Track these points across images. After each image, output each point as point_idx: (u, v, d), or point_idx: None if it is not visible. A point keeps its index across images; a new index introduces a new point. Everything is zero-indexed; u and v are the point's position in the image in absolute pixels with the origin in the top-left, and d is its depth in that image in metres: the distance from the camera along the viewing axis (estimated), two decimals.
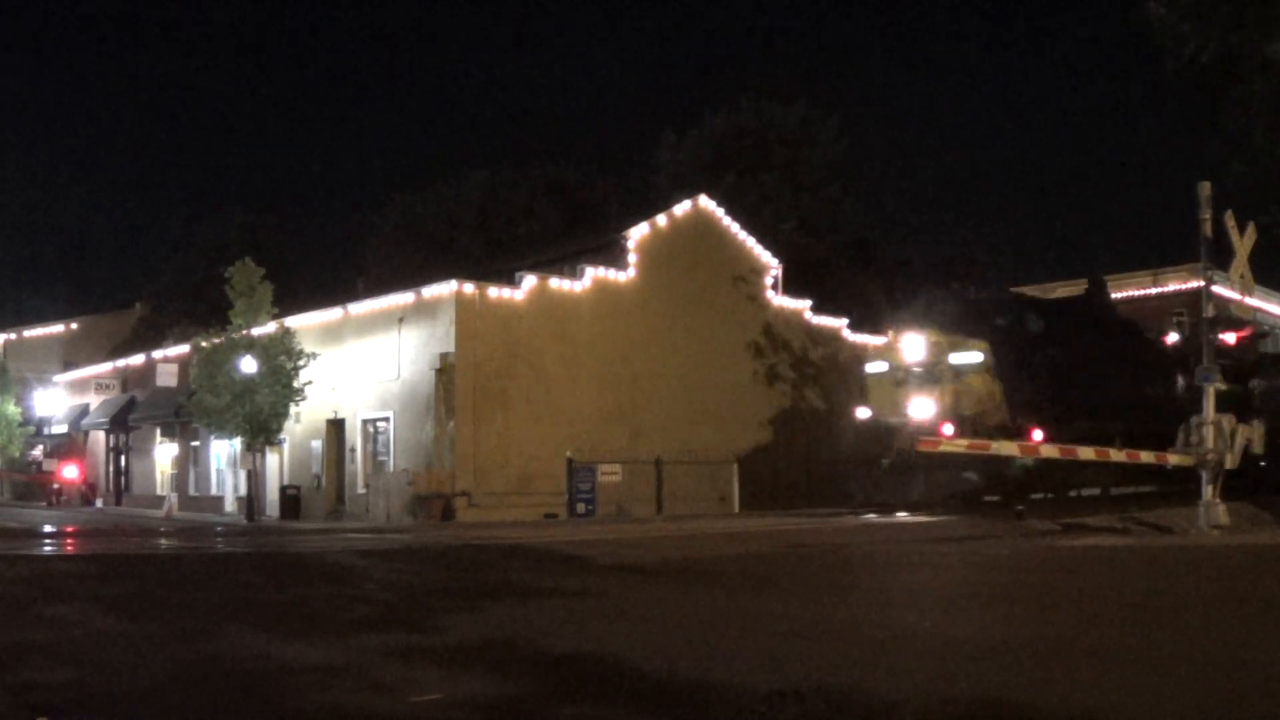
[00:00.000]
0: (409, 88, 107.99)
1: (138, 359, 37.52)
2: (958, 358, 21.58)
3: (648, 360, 26.96)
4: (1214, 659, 5.38)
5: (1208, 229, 14.99)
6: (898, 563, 11.14)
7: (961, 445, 16.31)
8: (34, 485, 40.87)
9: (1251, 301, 23.70)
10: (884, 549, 12.53)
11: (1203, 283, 16.10)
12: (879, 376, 22.95)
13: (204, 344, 27.44)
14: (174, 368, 33.19)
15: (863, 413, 23.01)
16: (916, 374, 21.81)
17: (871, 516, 21.09)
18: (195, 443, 33.97)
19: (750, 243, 30.07)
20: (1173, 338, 26.33)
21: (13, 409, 39.06)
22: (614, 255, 27.53)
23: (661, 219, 28.51)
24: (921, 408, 21.37)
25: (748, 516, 23.82)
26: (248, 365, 25.65)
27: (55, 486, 38.95)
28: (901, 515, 20.96)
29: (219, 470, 33.36)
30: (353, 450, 27.30)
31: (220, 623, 6.56)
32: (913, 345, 22.10)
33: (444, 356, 24.44)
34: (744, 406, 28.22)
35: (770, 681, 4.86)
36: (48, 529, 20.61)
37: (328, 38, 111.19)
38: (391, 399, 25.98)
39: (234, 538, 17.24)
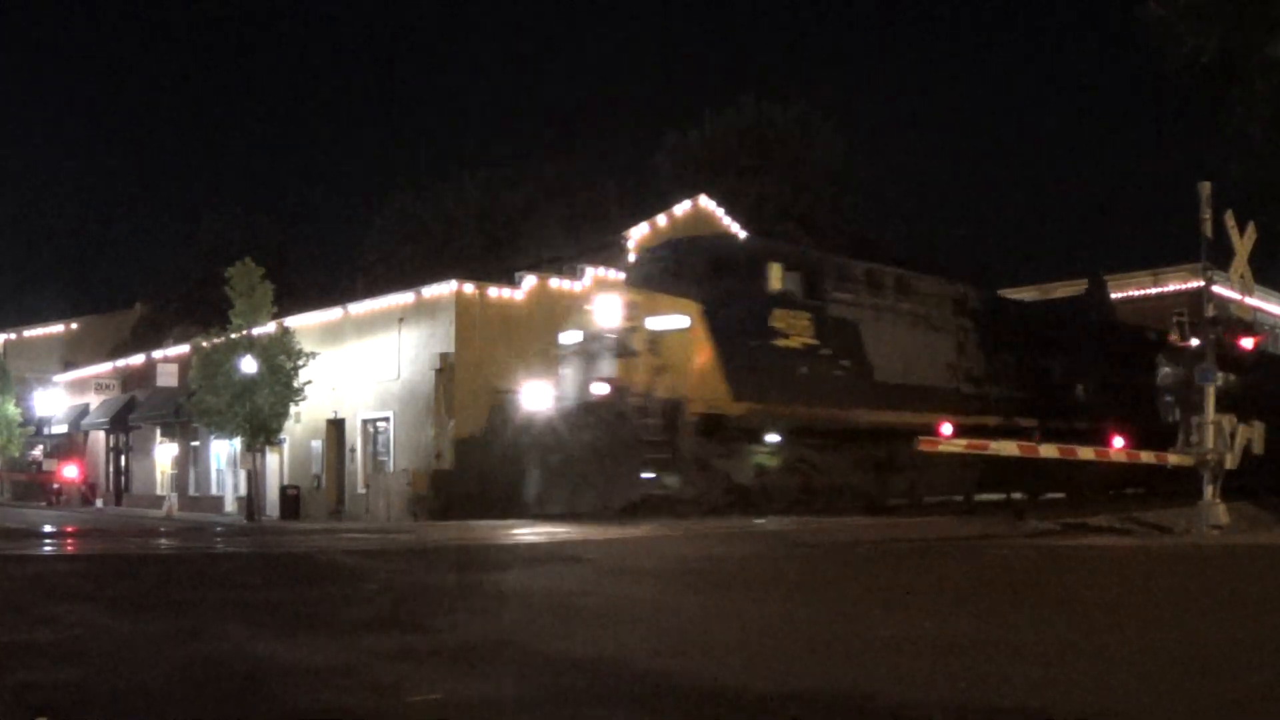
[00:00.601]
0: (409, 87, 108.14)
1: (138, 359, 37.55)
2: (656, 322, 16.70)
3: None
4: (1214, 659, 5.38)
5: (1208, 229, 15.00)
6: (891, 560, 11.14)
7: (960, 446, 16.04)
8: (34, 485, 40.89)
9: (1251, 301, 23.68)
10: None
11: (1203, 283, 16.11)
12: (574, 349, 17.74)
13: (204, 344, 27.46)
14: (174, 368, 33.24)
15: (538, 395, 17.76)
16: (608, 343, 16.93)
17: (524, 532, 15.55)
18: (195, 443, 34.00)
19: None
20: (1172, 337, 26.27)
21: (13, 409, 39.09)
22: (614, 255, 27.54)
23: (661, 219, 28.53)
24: (601, 387, 16.60)
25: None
26: (248, 365, 25.67)
27: (55, 486, 38.98)
28: (557, 528, 15.44)
29: (219, 470, 33.39)
30: (353, 450, 27.32)
31: (220, 623, 6.56)
32: (607, 307, 17.20)
33: (444, 356, 24.43)
34: None
35: (770, 682, 4.86)
36: (48, 529, 20.61)
37: (327, 37, 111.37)
38: (391, 399, 25.99)
39: (234, 538, 17.23)
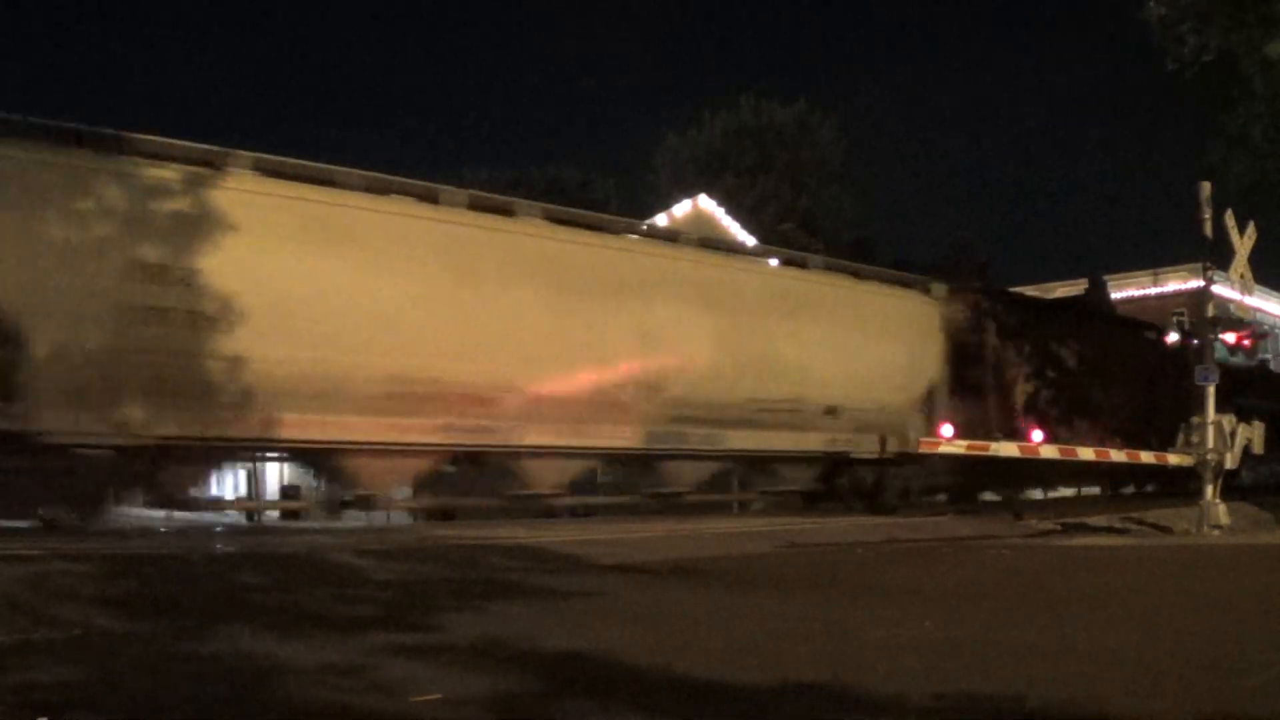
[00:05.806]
0: (409, 87, 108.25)
1: None
2: None
3: None
4: (1214, 659, 5.38)
5: (1208, 229, 15.04)
6: (891, 560, 11.15)
7: (960, 446, 15.92)
8: None
9: (1251, 301, 23.72)
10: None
11: (1203, 283, 16.13)
12: None
13: None
14: None
15: None
16: None
17: None
18: None
19: (750, 243, 30.04)
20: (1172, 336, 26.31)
21: None
22: None
23: (661, 219, 28.49)
24: None
25: None
26: None
27: None
28: None
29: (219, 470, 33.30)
30: None
31: (220, 623, 6.56)
32: None
33: None
34: None
35: (768, 678, 4.86)
36: None
37: (327, 37, 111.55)
38: None
39: (234, 538, 17.20)
